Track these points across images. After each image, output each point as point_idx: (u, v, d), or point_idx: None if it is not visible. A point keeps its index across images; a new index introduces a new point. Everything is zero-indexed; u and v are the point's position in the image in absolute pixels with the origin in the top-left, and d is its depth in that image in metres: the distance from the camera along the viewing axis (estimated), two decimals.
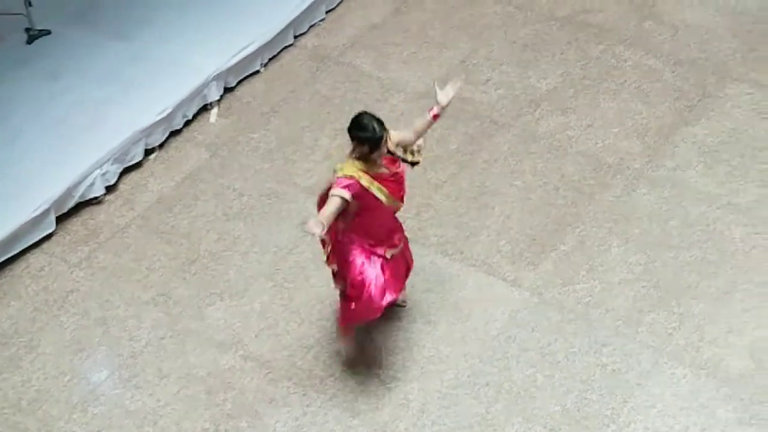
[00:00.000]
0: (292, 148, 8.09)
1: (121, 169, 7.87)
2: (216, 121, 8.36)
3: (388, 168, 6.05)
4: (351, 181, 5.87)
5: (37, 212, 7.35)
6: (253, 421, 6.39)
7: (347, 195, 5.85)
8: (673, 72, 8.57)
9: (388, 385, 6.52)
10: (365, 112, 5.92)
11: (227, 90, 8.56)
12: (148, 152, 8.05)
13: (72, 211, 7.64)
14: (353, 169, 5.90)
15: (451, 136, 8.09)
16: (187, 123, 8.29)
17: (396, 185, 6.11)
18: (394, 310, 6.79)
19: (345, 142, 6.00)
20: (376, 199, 5.99)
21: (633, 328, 6.77)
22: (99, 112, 7.99)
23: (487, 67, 8.71)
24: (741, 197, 7.57)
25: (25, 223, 7.31)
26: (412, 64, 8.76)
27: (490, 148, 8.02)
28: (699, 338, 6.70)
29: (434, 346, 6.69)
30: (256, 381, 6.59)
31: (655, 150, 7.94)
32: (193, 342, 6.82)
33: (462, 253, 7.28)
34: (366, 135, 5.83)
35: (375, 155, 5.90)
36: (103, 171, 7.70)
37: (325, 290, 7.05)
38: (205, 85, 8.30)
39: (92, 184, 7.64)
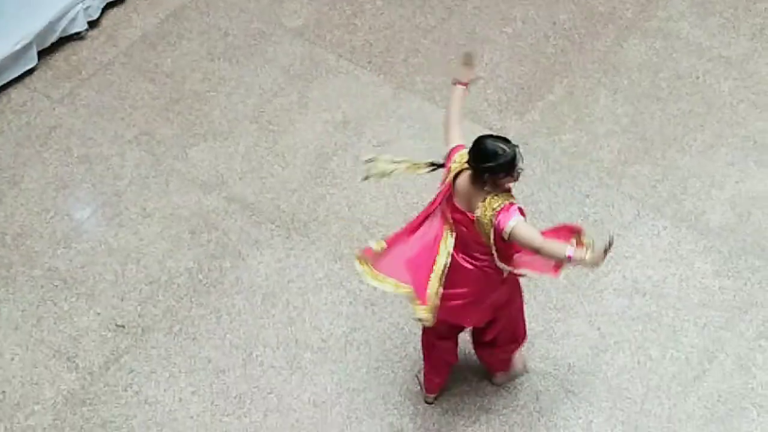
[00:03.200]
0: None
1: (104, 4, 7.71)
2: None
3: None
4: (514, 206, 4.97)
5: (18, 46, 7.23)
6: (237, 261, 6.44)
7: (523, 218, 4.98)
8: None
9: (370, 231, 6.56)
10: (484, 137, 5.05)
11: None
12: None
13: (54, 46, 7.51)
14: (506, 197, 5.02)
15: None
16: None
17: None
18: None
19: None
20: None
21: (616, 179, 6.79)
22: None
23: None
24: (732, 50, 7.50)
25: (6, 57, 7.19)
26: None
27: None
28: (682, 191, 6.74)
29: (417, 193, 6.68)
30: (239, 222, 6.62)
31: None
32: (177, 182, 6.81)
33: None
34: (500, 161, 4.92)
35: (511, 178, 4.99)
36: (86, 5, 7.55)
37: (309, 134, 7.02)
38: None
39: (74, 19, 7.50)
